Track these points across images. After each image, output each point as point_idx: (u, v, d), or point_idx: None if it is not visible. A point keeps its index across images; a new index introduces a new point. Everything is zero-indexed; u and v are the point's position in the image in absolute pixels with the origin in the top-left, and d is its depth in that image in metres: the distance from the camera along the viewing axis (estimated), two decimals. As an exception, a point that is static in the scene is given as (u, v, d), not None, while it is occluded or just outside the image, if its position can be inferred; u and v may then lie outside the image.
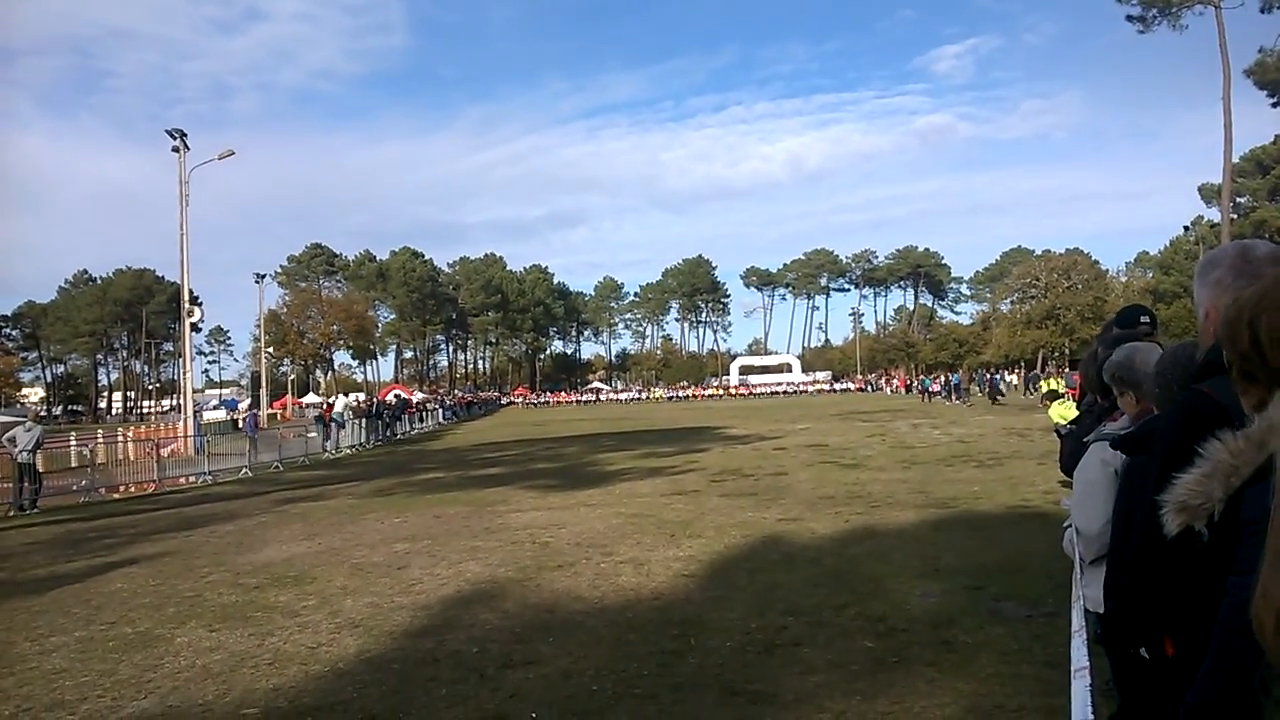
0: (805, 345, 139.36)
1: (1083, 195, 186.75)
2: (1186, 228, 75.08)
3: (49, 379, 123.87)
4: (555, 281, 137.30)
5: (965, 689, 5.41)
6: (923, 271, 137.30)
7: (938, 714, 5.04)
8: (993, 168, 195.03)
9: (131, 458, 26.55)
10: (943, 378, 68.38)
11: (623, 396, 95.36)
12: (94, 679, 6.58)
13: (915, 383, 74.99)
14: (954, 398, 52.48)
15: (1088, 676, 2.71)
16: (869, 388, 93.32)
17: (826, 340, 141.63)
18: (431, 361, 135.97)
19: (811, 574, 8.77)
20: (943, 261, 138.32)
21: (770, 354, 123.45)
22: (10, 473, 19.41)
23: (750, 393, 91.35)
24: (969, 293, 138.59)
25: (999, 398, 49.11)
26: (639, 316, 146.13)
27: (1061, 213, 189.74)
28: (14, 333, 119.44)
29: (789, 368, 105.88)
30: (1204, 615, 2.04)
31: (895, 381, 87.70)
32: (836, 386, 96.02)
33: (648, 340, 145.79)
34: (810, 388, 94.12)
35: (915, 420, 35.64)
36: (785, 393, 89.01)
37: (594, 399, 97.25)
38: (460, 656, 6.66)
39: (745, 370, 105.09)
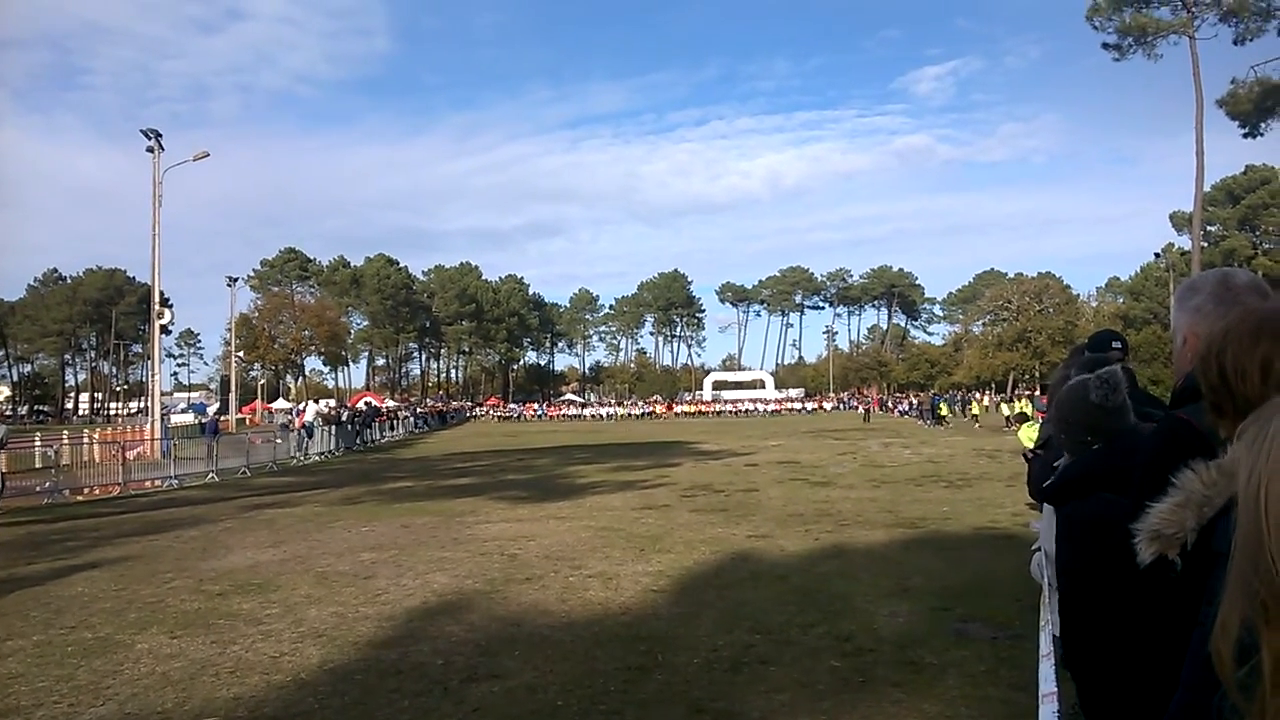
0: (779, 362, 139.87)
1: (1057, 219, 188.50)
2: (1157, 254, 75.85)
3: (15, 378, 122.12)
4: (530, 292, 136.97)
5: (931, 710, 5.41)
6: (897, 291, 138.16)
7: (902, 735, 5.03)
8: (969, 189, 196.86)
9: (97, 460, 26.13)
10: (913, 399, 68.97)
11: (603, 412, 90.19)
12: (51, 684, 6.45)
13: (889, 401, 75.49)
14: (928, 420, 52.40)
15: (1055, 701, 2.71)
16: (842, 405, 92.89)
17: (800, 357, 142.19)
18: (404, 369, 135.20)
19: (780, 591, 8.77)
20: (916, 282, 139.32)
21: (744, 369, 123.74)
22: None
23: (730, 409, 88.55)
24: (942, 314, 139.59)
25: (942, 420, 49.23)
26: (613, 329, 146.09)
27: (1035, 236, 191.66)
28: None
29: (762, 384, 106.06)
30: (1173, 645, 2.04)
31: (869, 400, 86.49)
32: (820, 405, 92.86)
33: (622, 353, 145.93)
34: (788, 406, 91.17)
35: (886, 439, 35.81)
36: (756, 411, 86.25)
37: (578, 413, 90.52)
38: (424, 669, 6.59)
39: (719, 385, 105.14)
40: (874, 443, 33.73)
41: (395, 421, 54.99)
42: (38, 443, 27.06)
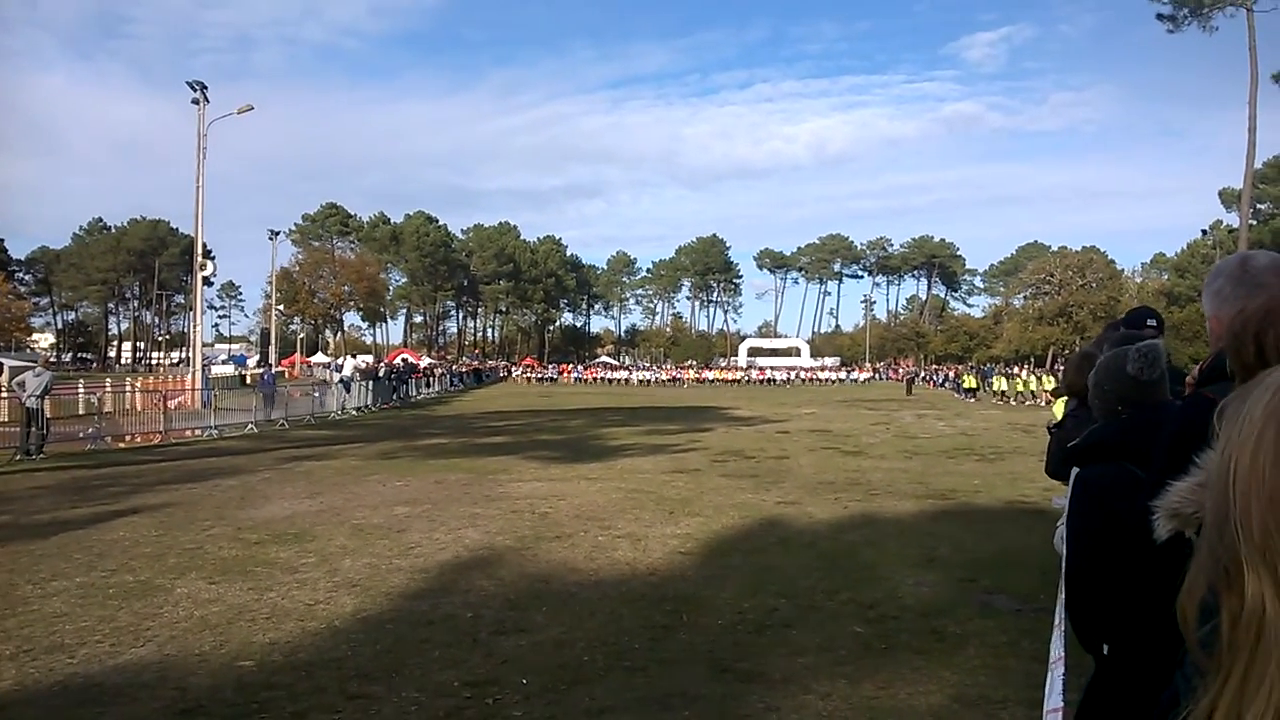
0: (815, 330, 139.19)
1: (1104, 192, 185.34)
2: (1204, 231, 74.53)
3: (59, 325, 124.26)
4: (568, 253, 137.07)
5: (951, 678, 5.47)
6: (937, 262, 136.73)
7: (922, 701, 5.10)
8: (1016, 159, 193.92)
9: (139, 408, 26.66)
10: (950, 371, 68.44)
11: (646, 376, 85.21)
12: (93, 624, 6.67)
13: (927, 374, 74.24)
14: (984, 389, 51.47)
15: (1063, 667, 2.76)
16: (878, 376, 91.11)
17: (837, 326, 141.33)
18: (441, 327, 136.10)
19: (807, 558, 8.85)
20: (958, 253, 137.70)
21: (780, 337, 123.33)
22: (18, 417, 19.57)
23: (762, 376, 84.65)
24: (982, 285, 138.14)
25: (974, 393, 48.75)
26: (650, 293, 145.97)
27: (1081, 209, 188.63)
28: (26, 277, 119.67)
29: (798, 351, 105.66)
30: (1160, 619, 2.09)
31: (914, 371, 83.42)
32: (857, 375, 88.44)
33: (658, 317, 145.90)
34: (823, 375, 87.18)
35: (920, 411, 35.67)
36: (790, 379, 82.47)
37: (616, 376, 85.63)
38: (455, 620, 6.75)
39: (754, 352, 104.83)
40: (908, 414, 33.62)
41: (431, 379, 55.51)
42: (81, 390, 27.56)
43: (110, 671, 5.67)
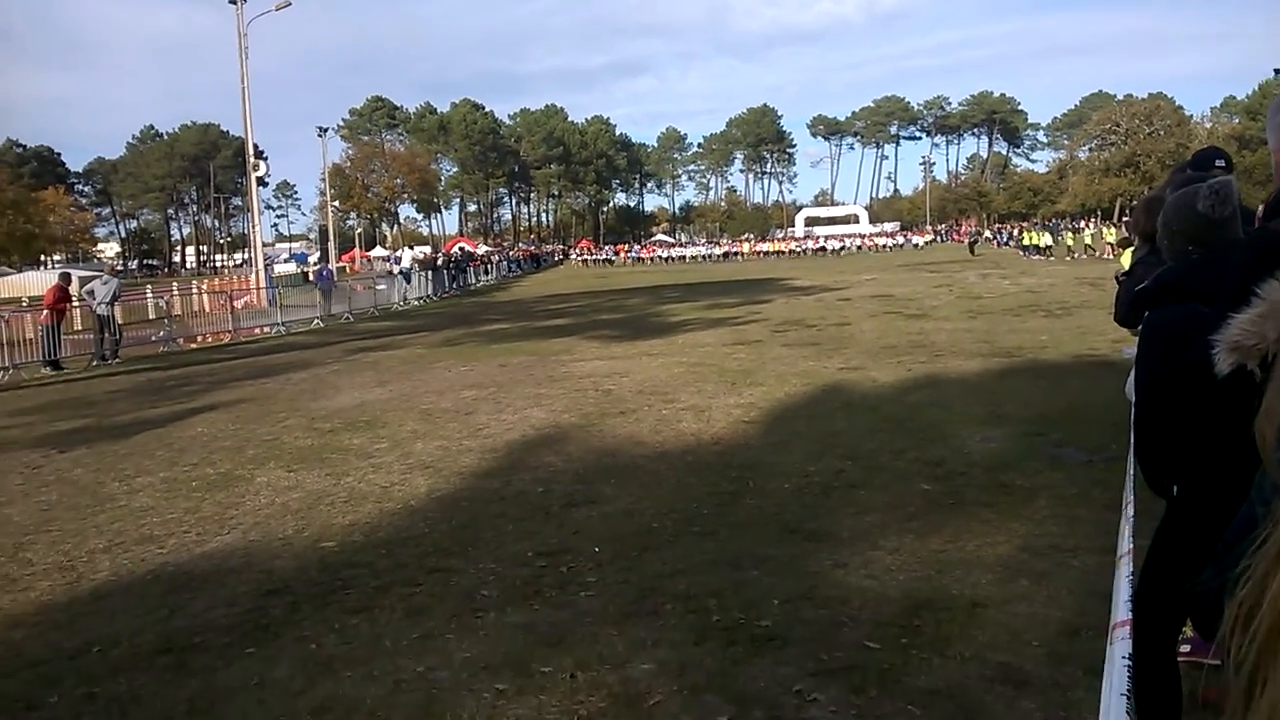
0: (873, 196, 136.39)
1: (1170, 37, 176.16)
2: (1277, 71, 70.80)
3: (123, 234, 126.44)
4: (618, 133, 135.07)
5: (1020, 529, 5.49)
6: (998, 118, 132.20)
7: (991, 552, 5.13)
8: (1077, 7, 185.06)
9: (207, 309, 27.24)
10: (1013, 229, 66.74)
11: (703, 252, 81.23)
12: (179, 516, 6.95)
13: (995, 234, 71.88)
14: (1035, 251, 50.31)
15: (1130, 563, 2.74)
16: (939, 239, 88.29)
17: (895, 190, 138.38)
18: (495, 215, 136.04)
19: (871, 421, 8.85)
20: (1019, 107, 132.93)
21: (837, 205, 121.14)
22: (91, 325, 20.12)
23: (816, 246, 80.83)
24: (1045, 140, 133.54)
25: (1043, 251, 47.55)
26: (703, 168, 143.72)
27: (1146, 55, 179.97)
28: (86, 189, 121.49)
29: (856, 218, 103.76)
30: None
31: (976, 232, 79.88)
32: (918, 240, 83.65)
33: (712, 192, 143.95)
34: (883, 241, 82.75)
35: (985, 271, 35.05)
36: (848, 248, 78.57)
37: (673, 254, 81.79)
38: (525, 496, 6.90)
39: (811, 221, 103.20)
40: (972, 274, 33.06)
41: (489, 266, 55.75)
42: (149, 295, 28.17)
43: (198, 559, 5.92)
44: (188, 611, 4.98)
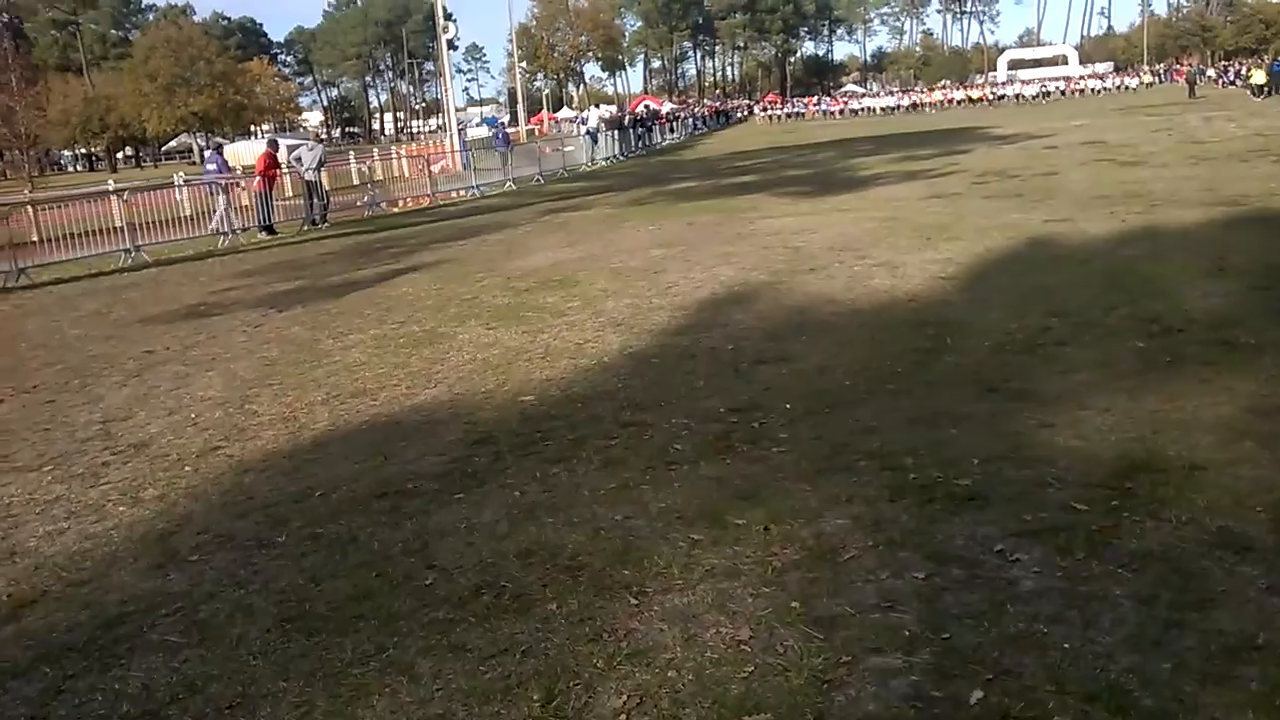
0: (1084, 35, 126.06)
1: None
2: None
3: (324, 103, 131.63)
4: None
5: (1245, 389, 5.11)
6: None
7: (1211, 413, 4.81)
8: None
9: (406, 174, 28.24)
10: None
11: (882, 104, 74.37)
12: (389, 370, 7.35)
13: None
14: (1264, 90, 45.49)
15: None
16: (1158, 79, 79.70)
17: (1109, 27, 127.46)
18: (679, 71, 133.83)
19: (1080, 275, 8.36)
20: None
21: (1043, 45, 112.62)
22: (300, 190, 21.22)
23: (1013, 92, 72.54)
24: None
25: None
26: (896, 10, 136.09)
27: None
28: (288, 59, 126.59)
29: (1064, 60, 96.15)
30: None
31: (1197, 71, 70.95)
32: (1130, 81, 74.49)
33: (906, 36, 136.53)
34: (1093, 85, 73.82)
35: (1208, 113, 32.13)
36: (1049, 93, 69.79)
37: (863, 109, 75.24)
38: (716, 353, 6.93)
39: (1015, 64, 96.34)
40: (1194, 117, 30.39)
41: (674, 124, 55.15)
42: (352, 161, 29.35)
43: (409, 411, 6.27)
44: (400, 459, 5.30)
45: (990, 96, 73.22)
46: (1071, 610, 3.15)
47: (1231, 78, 61.71)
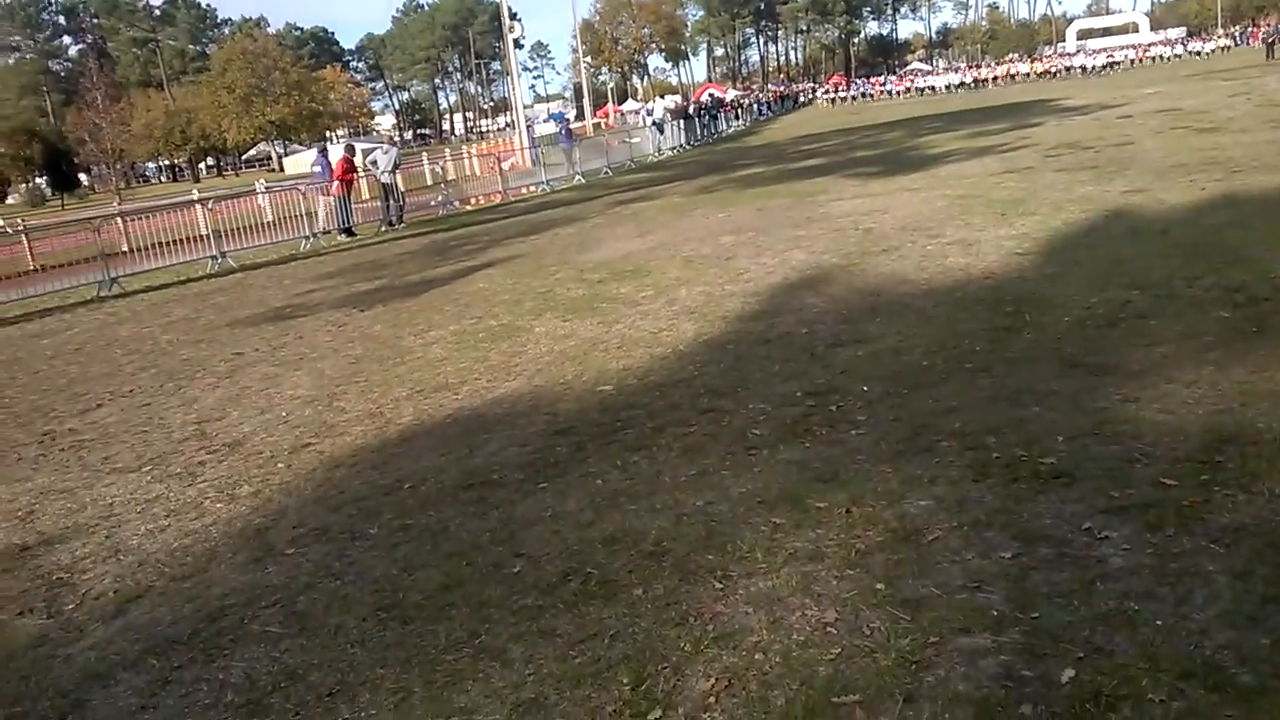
0: (1155, 1, 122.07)
1: None
2: None
3: (396, 106, 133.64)
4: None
5: (1340, 357, 4.96)
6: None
7: (1305, 383, 4.69)
8: None
9: (478, 173, 28.59)
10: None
11: (945, 82, 70.66)
12: (470, 365, 7.48)
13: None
14: None
15: None
16: (1234, 43, 75.54)
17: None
18: (742, 58, 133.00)
19: (1160, 246, 8.16)
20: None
21: (1113, 13, 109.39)
22: (377, 193, 21.62)
23: (1071, 63, 69.39)
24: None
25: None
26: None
27: None
28: (360, 65, 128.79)
29: (1135, 27, 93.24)
30: None
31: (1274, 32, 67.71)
32: (1203, 46, 70.24)
33: (971, 10, 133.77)
34: (1165, 50, 69.79)
35: (1295, 73, 30.96)
36: (1122, 62, 66.28)
37: (929, 87, 71.87)
38: (790, 337, 6.92)
39: (1084, 34, 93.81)
40: (1273, 79, 29.31)
41: (739, 111, 54.85)
42: (425, 162, 29.81)
43: (490, 404, 6.38)
44: (484, 451, 5.41)
45: (1053, 69, 69.66)
46: (1163, 587, 3.11)
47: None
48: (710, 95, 61.91)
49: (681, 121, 39.90)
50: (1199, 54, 67.79)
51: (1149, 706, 2.54)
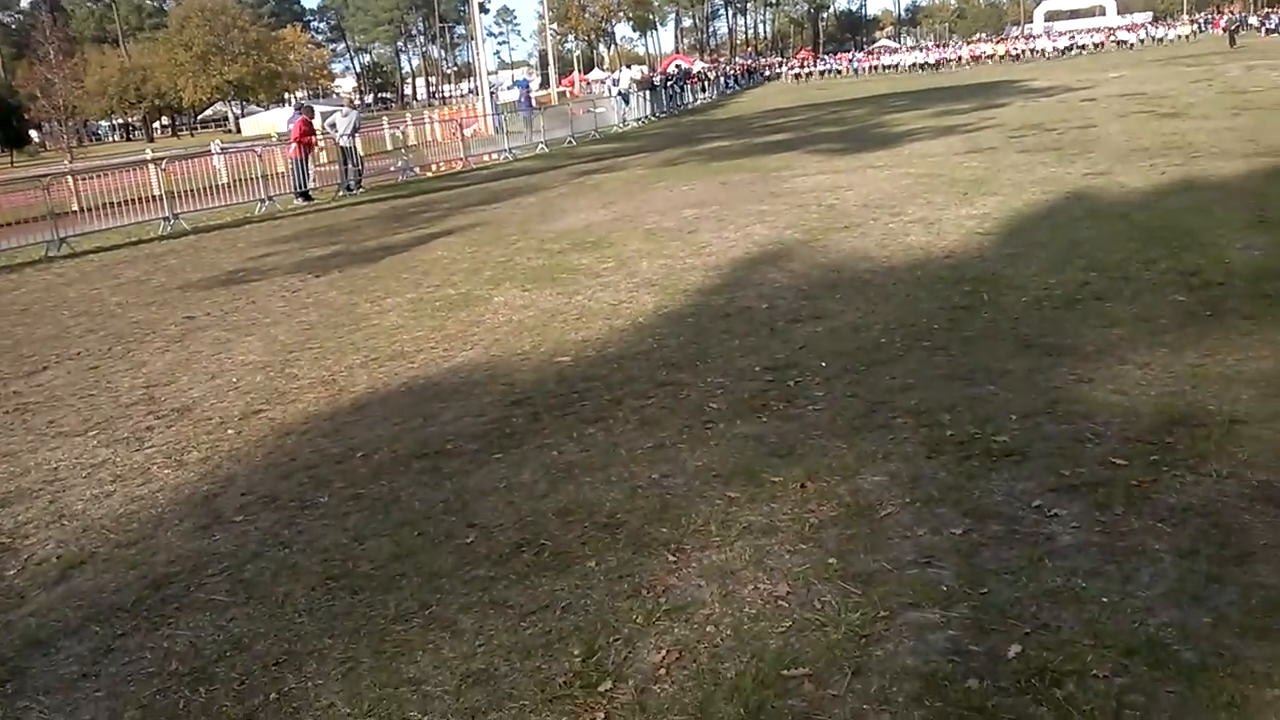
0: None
1: None
2: None
3: (357, 69, 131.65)
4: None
5: (1288, 342, 5.04)
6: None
7: (1253, 366, 4.75)
8: None
9: (439, 139, 28.21)
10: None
11: (909, 60, 69.15)
12: (426, 333, 7.41)
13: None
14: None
15: None
16: (1199, 28, 76.04)
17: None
18: (710, 29, 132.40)
19: (1119, 229, 8.23)
20: None
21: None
22: (335, 156, 21.30)
23: (1032, 46, 66.95)
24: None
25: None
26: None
27: None
28: (321, 25, 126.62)
29: (1103, 10, 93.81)
30: None
31: (1236, 19, 67.43)
32: (1166, 33, 68.71)
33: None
34: (1130, 36, 66.57)
35: (1251, 62, 31.33)
36: (1088, 46, 64.49)
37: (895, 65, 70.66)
38: (751, 312, 6.91)
39: (1051, 16, 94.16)
40: (1235, 67, 29.61)
41: (706, 83, 54.63)
42: (386, 126, 29.38)
43: (446, 373, 6.32)
44: (439, 420, 5.36)
45: (1014, 51, 67.50)
46: (1110, 565, 3.15)
47: (1275, 24, 59.94)
48: (677, 66, 61.62)
49: (647, 92, 39.66)
50: (1161, 40, 67.76)
51: (1093, 682, 2.57)
